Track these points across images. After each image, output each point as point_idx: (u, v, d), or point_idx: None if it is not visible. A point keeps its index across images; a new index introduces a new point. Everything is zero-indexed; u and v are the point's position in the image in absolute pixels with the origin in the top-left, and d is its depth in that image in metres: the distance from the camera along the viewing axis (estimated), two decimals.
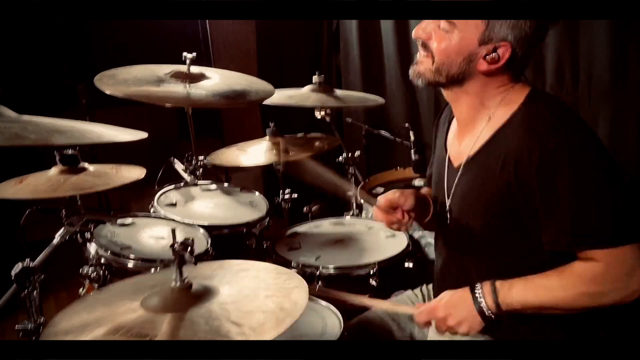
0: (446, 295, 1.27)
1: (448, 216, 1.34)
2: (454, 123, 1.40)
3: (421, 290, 1.57)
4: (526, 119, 1.18)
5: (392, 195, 1.41)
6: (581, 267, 1.15)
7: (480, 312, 1.20)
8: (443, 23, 1.19)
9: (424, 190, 1.62)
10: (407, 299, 1.56)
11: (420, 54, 1.26)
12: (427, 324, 1.30)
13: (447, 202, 1.34)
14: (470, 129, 1.29)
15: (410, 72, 1.29)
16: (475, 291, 1.22)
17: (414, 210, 1.40)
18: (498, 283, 1.20)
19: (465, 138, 1.31)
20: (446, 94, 1.31)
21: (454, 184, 1.32)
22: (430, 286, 1.55)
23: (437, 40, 1.21)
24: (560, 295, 1.16)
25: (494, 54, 1.17)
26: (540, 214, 1.15)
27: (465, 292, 1.24)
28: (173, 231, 1.07)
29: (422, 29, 1.23)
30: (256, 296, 1.07)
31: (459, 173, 1.30)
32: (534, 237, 1.18)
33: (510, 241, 1.23)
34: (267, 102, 2.12)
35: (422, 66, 1.25)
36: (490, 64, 1.18)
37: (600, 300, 1.15)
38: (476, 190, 1.25)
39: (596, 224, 1.12)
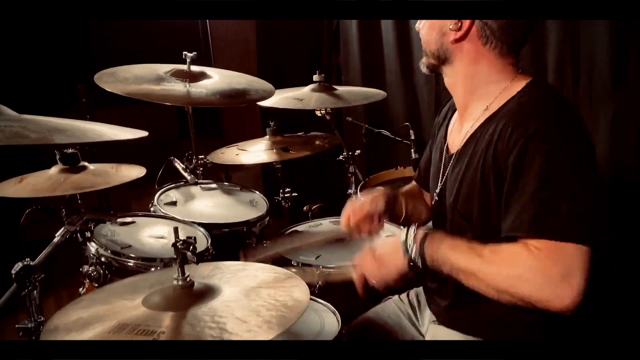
0: (381, 241, 1.28)
1: (440, 201, 1.36)
2: (456, 115, 1.41)
3: (408, 295, 1.56)
4: (515, 105, 1.18)
5: (361, 208, 1.44)
6: (518, 250, 1.09)
7: (408, 259, 1.21)
8: None
9: (406, 187, 1.64)
10: (394, 304, 1.55)
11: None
12: (363, 275, 1.30)
13: (438, 188, 1.36)
14: (467, 117, 1.31)
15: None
16: (407, 237, 1.22)
17: (386, 211, 1.44)
18: (430, 234, 1.20)
19: (463, 126, 1.32)
20: (445, 80, 1.35)
21: (447, 170, 1.33)
22: (420, 289, 1.54)
23: (422, 24, 1.31)
24: (484, 267, 1.11)
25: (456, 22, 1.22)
26: (504, 197, 1.13)
27: (398, 238, 1.24)
28: (175, 229, 1.08)
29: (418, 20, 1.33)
30: (258, 294, 1.07)
31: (453, 159, 1.32)
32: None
33: (494, 226, 1.19)
34: (268, 103, 2.13)
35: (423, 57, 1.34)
36: (457, 33, 1.22)
37: (523, 290, 1.07)
38: (464, 174, 1.25)
39: (549, 214, 1.07)
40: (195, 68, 1.98)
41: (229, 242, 1.95)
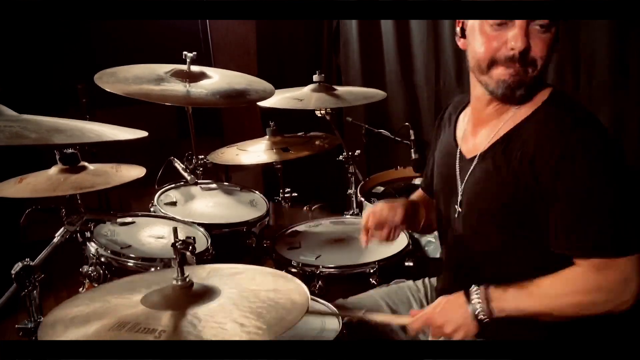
0: (441, 302, 1.27)
1: (459, 207, 1.33)
2: (464, 119, 1.39)
3: (423, 282, 1.57)
4: (548, 117, 1.18)
5: (380, 212, 1.42)
6: (578, 276, 1.15)
7: (476, 317, 1.21)
8: (539, 21, 1.13)
9: (415, 195, 1.63)
10: (407, 289, 1.55)
11: (518, 69, 1.16)
12: (420, 330, 1.32)
13: (460, 193, 1.32)
14: (487, 123, 1.28)
15: (510, 81, 1.17)
16: (471, 297, 1.22)
17: (403, 222, 1.43)
18: (491, 289, 1.20)
19: (480, 131, 1.30)
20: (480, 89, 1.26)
21: (467, 175, 1.30)
22: (434, 279, 1.55)
23: (541, 42, 1.15)
24: (553, 303, 1.17)
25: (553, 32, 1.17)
26: (551, 214, 1.15)
27: (460, 297, 1.24)
28: (175, 229, 1.07)
29: (520, 40, 1.12)
30: (257, 296, 1.07)
31: (474, 163, 1.28)
32: (540, 233, 1.18)
33: (519, 234, 1.22)
34: (268, 104, 2.13)
35: (521, 78, 1.18)
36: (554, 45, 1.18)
37: (593, 309, 1.15)
38: (491, 180, 1.24)
39: (606, 234, 1.12)
40: (195, 68, 1.98)
41: (229, 242, 1.95)
